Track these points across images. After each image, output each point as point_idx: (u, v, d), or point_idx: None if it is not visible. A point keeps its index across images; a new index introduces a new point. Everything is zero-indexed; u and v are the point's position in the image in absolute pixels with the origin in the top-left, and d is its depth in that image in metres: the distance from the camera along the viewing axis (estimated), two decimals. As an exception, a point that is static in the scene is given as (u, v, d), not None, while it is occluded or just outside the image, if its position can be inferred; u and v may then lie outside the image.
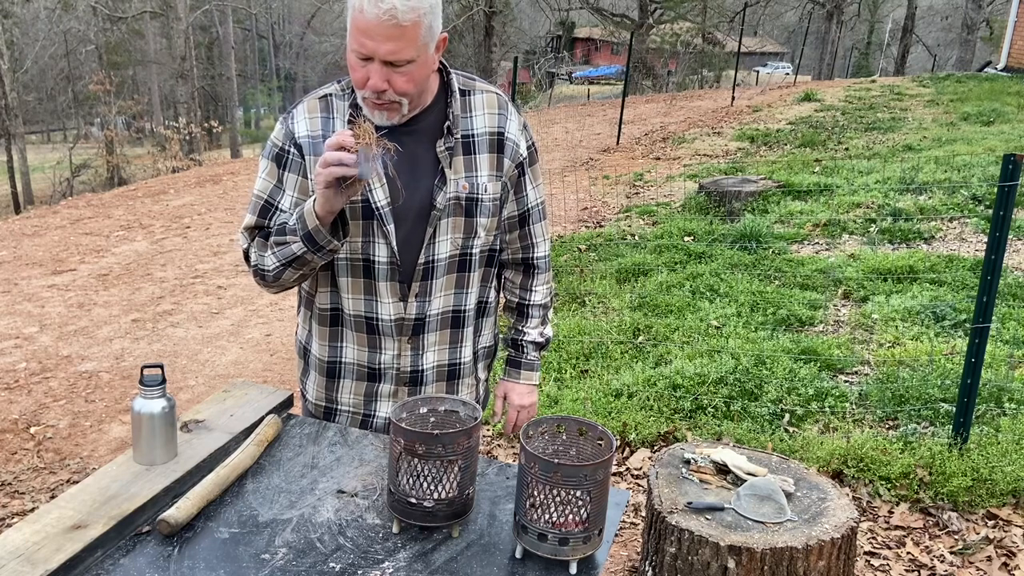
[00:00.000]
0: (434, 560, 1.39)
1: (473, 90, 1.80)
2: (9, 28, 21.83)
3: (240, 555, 1.38)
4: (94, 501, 1.45)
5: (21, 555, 1.30)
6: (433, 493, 1.43)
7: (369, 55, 1.56)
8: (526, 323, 1.97)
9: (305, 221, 1.62)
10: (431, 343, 1.81)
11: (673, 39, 28.76)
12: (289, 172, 1.73)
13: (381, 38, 1.54)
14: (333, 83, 1.77)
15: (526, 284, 1.95)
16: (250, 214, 1.77)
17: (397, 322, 1.77)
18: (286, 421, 1.83)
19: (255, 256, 1.75)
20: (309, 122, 1.72)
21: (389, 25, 1.53)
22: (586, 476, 1.35)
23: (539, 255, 1.93)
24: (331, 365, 1.85)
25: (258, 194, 1.76)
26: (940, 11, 39.29)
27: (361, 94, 1.63)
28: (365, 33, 1.54)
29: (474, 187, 1.75)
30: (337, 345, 1.83)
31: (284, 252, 1.67)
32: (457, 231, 1.75)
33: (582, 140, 12.74)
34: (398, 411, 1.48)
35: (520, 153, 1.81)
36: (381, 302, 1.76)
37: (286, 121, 1.74)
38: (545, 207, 1.93)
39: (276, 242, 1.68)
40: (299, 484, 1.60)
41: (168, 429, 1.57)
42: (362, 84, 1.61)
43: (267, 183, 1.75)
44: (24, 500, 3.43)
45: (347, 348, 1.82)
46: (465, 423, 1.51)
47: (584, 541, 1.38)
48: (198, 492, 1.48)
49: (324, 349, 1.84)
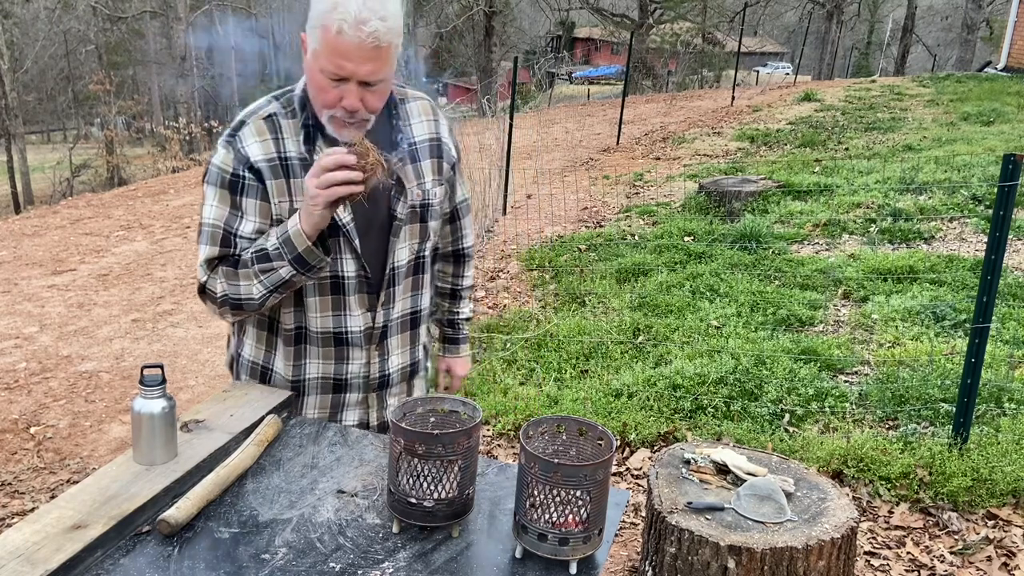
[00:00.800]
0: (434, 560, 1.39)
1: (407, 98, 1.84)
2: (9, 28, 21.83)
3: (240, 555, 1.38)
4: (94, 501, 1.45)
5: (21, 555, 1.30)
6: (433, 493, 1.43)
7: (347, 76, 1.57)
8: (459, 305, 2.15)
9: (293, 244, 1.62)
10: (394, 347, 1.89)
11: (673, 39, 28.76)
12: (246, 198, 1.68)
13: (360, 60, 1.55)
14: (268, 101, 1.73)
15: (458, 272, 2.10)
16: (207, 245, 1.70)
17: (366, 332, 1.82)
18: (286, 421, 1.83)
19: (224, 287, 1.69)
20: (262, 145, 1.68)
21: (370, 47, 1.54)
22: (586, 476, 1.35)
23: (467, 245, 2.08)
24: (295, 383, 1.87)
25: (213, 223, 1.69)
26: (940, 11, 39.29)
27: (329, 113, 1.64)
28: (344, 55, 1.55)
29: (425, 193, 1.82)
30: (301, 363, 1.85)
31: (272, 279, 1.66)
32: (414, 237, 1.83)
33: (582, 140, 12.74)
34: (398, 411, 1.48)
35: (452, 155, 1.90)
36: (351, 315, 1.79)
37: (232, 145, 1.67)
38: (470, 201, 2.09)
39: (261, 269, 1.65)
40: (299, 484, 1.60)
41: (168, 429, 1.57)
42: (333, 104, 1.61)
43: (221, 211, 1.69)
44: (24, 500, 3.43)
45: (311, 364, 1.85)
46: (465, 423, 1.51)
47: (584, 541, 1.38)
48: (198, 492, 1.48)
49: (289, 369, 1.85)
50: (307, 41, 1.62)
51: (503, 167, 8.17)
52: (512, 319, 5.08)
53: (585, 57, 48.12)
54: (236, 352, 1.91)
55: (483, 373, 4.31)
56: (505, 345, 4.70)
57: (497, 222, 7.88)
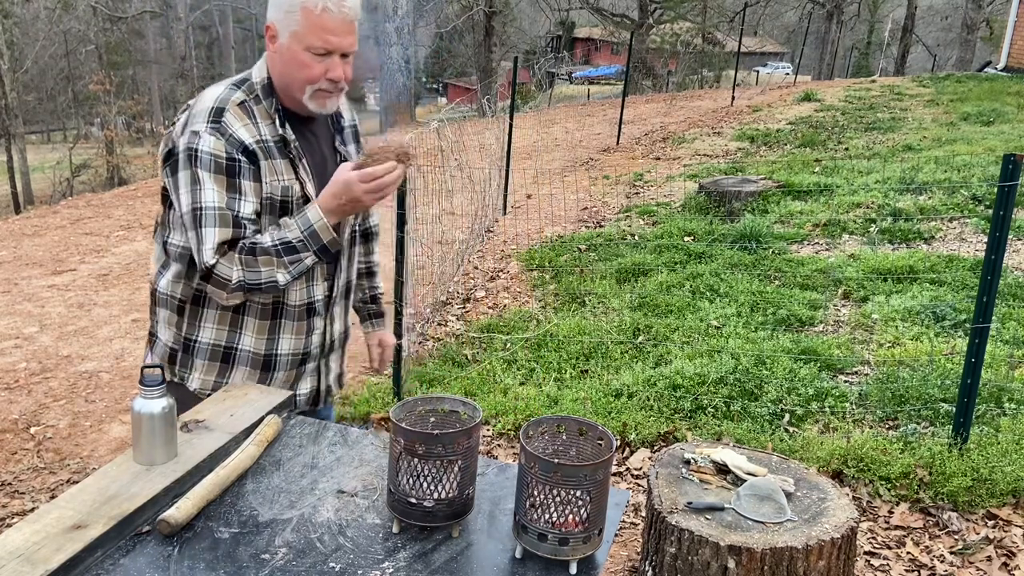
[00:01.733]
0: (434, 560, 1.39)
1: None
2: (9, 28, 21.82)
3: (240, 555, 1.38)
4: (94, 501, 1.45)
5: (21, 555, 1.30)
6: (433, 493, 1.43)
7: (333, 50, 1.75)
8: (375, 280, 2.31)
9: (320, 236, 1.79)
10: (338, 314, 2.06)
11: (673, 39, 28.75)
12: (244, 180, 1.76)
13: (344, 33, 1.75)
14: (231, 89, 1.80)
15: (370, 249, 2.24)
16: (216, 228, 1.74)
17: (325, 300, 1.98)
18: (286, 421, 1.83)
19: (241, 273, 1.76)
20: (246, 129, 1.77)
21: (349, 21, 1.76)
22: (586, 476, 1.35)
23: (375, 222, 2.22)
24: (267, 358, 1.94)
25: (219, 207, 1.74)
26: (940, 11, 39.28)
27: (313, 88, 1.78)
28: (330, 31, 1.73)
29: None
30: (274, 337, 1.93)
31: (299, 268, 1.80)
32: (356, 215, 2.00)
33: (582, 140, 12.73)
34: (398, 411, 1.48)
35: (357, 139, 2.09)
36: (316, 285, 1.94)
37: (220, 131, 1.73)
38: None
39: (290, 260, 1.78)
40: (299, 484, 1.60)
41: (168, 429, 1.57)
42: (318, 77, 1.77)
43: (222, 195, 1.74)
44: (24, 500, 3.43)
45: (283, 340, 1.94)
46: (465, 423, 1.51)
47: (584, 541, 1.38)
48: (198, 492, 1.48)
49: (262, 343, 1.92)
50: (277, 27, 1.77)
51: (503, 167, 8.17)
52: (512, 319, 5.08)
53: (585, 57, 48.11)
54: (185, 340, 1.91)
55: (483, 373, 4.31)
56: (505, 345, 4.70)
57: (497, 222, 7.88)
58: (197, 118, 1.74)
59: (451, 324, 5.29)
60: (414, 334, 4.87)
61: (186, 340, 1.91)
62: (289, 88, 1.80)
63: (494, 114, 8.64)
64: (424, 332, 5.06)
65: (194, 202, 1.73)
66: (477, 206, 7.09)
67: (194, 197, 1.73)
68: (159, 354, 1.95)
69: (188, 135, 1.74)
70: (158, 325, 1.95)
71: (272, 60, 1.81)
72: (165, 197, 1.85)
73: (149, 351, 2.01)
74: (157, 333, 1.96)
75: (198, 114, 1.75)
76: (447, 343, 4.88)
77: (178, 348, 1.92)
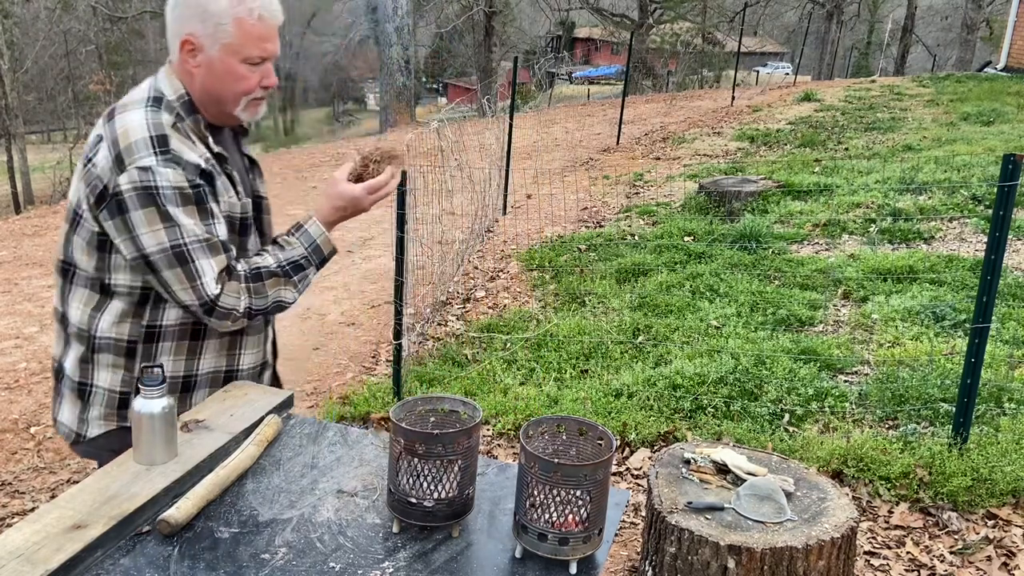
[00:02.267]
0: (434, 560, 1.39)
1: None
2: (9, 28, 21.82)
3: (240, 555, 1.38)
4: (94, 501, 1.45)
5: (21, 555, 1.30)
6: (433, 493, 1.44)
7: (269, 57, 1.73)
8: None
9: (322, 250, 1.84)
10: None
11: (673, 39, 28.76)
12: (211, 203, 1.70)
13: (276, 37, 1.73)
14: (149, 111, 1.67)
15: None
16: (212, 258, 1.67)
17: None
18: (286, 421, 1.83)
19: (249, 301, 1.73)
20: (193, 152, 1.68)
21: (279, 24, 1.74)
22: (586, 476, 1.35)
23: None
24: (228, 375, 1.89)
25: (204, 238, 1.67)
26: (940, 11, 39.27)
27: (249, 98, 1.74)
28: (266, 38, 1.70)
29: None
30: (236, 353, 1.88)
31: (305, 283, 1.83)
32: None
33: (582, 140, 12.73)
34: (398, 411, 1.49)
35: None
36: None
37: (172, 161, 1.63)
38: None
39: (300, 279, 1.81)
40: (299, 484, 1.60)
41: (168, 429, 1.57)
42: (254, 88, 1.73)
43: (200, 225, 1.67)
44: (24, 500, 3.43)
45: (246, 355, 1.90)
46: (465, 423, 1.51)
47: (584, 541, 1.38)
48: (198, 492, 1.49)
49: (222, 360, 1.87)
50: (200, 41, 1.67)
51: (503, 167, 8.17)
52: (512, 319, 5.08)
53: (585, 57, 48.11)
54: (138, 376, 1.72)
55: (483, 373, 4.31)
56: (505, 345, 4.70)
57: (497, 222, 7.88)
58: (136, 151, 1.62)
59: (451, 324, 5.29)
60: (414, 334, 4.88)
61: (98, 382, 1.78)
62: (221, 102, 1.72)
63: (494, 114, 8.64)
64: (424, 332, 5.06)
65: (171, 240, 1.63)
66: (477, 206, 7.09)
67: (169, 236, 1.63)
68: (101, 403, 1.79)
69: (134, 172, 1.61)
70: (94, 373, 1.77)
71: (191, 75, 1.70)
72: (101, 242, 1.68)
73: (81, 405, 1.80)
74: (92, 382, 1.78)
75: (134, 147, 1.62)
76: (447, 343, 4.88)
77: (130, 391, 1.77)
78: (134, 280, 1.71)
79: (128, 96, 1.72)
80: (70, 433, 1.84)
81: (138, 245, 1.64)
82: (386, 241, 7.43)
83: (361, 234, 7.83)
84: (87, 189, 1.66)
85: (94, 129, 1.71)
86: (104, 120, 1.69)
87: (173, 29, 1.70)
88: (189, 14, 1.66)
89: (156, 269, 1.66)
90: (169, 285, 1.67)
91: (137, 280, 1.71)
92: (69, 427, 1.83)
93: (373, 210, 2.02)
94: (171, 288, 1.68)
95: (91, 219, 1.67)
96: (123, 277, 1.71)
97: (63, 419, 1.84)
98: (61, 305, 1.80)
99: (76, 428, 1.82)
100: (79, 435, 1.82)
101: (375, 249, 7.40)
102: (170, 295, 1.69)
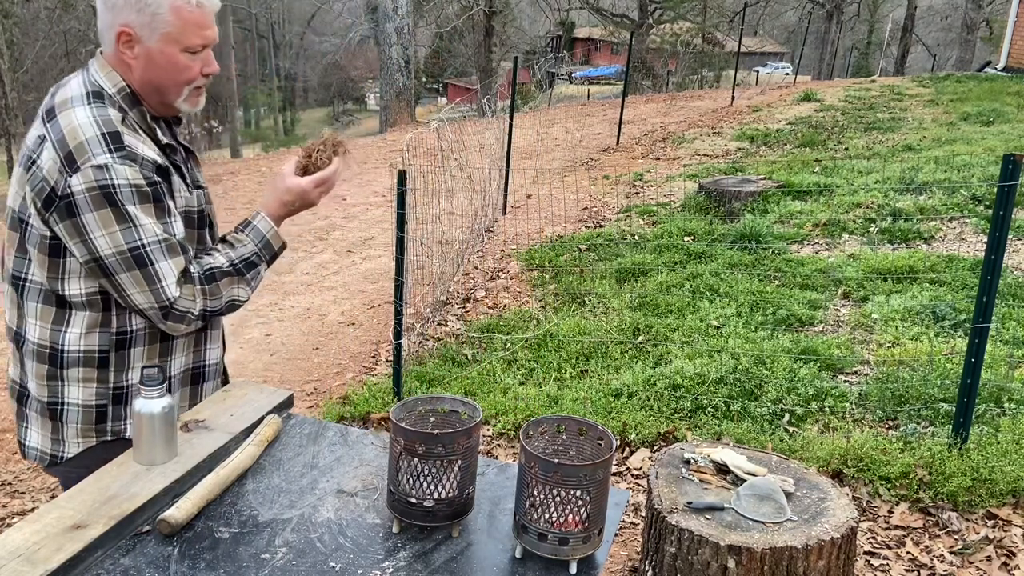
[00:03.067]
0: (434, 560, 1.39)
1: None
2: (9, 28, 21.82)
3: (240, 555, 1.38)
4: (94, 501, 1.45)
5: (21, 555, 1.30)
6: (433, 493, 1.44)
7: (209, 43, 1.68)
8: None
9: (272, 245, 1.81)
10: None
11: (673, 39, 28.77)
12: (168, 200, 1.64)
13: (213, 24, 1.68)
14: (94, 107, 1.59)
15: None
16: (170, 259, 1.61)
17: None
18: (286, 421, 1.83)
19: (204, 303, 1.67)
20: (145, 146, 1.62)
21: (216, 10, 1.69)
22: (586, 476, 1.35)
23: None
24: (196, 371, 1.86)
25: (163, 238, 1.61)
26: (940, 11, 39.28)
27: (191, 87, 1.69)
28: (206, 25, 1.65)
29: None
30: (203, 348, 1.85)
31: (257, 280, 1.80)
32: None
33: (582, 140, 12.73)
34: (398, 411, 1.49)
35: None
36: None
37: (127, 158, 1.56)
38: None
39: (252, 276, 1.77)
40: (299, 484, 1.60)
41: (168, 429, 1.57)
42: (196, 77, 1.68)
43: (158, 223, 1.61)
44: (24, 500, 3.43)
45: (212, 350, 1.87)
46: (465, 423, 1.51)
47: (584, 541, 1.38)
48: (198, 492, 1.49)
49: (190, 358, 1.83)
50: (137, 32, 1.60)
51: (503, 167, 8.17)
52: (512, 319, 5.08)
53: (585, 57, 48.12)
54: (115, 391, 1.71)
55: (483, 373, 4.31)
56: (505, 345, 4.70)
57: (497, 222, 7.88)
58: (89, 150, 1.54)
59: (451, 324, 5.29)
60: (414, 334, 4.88)
61: (116, 391, 1.72)
62: (162, 92, 1.66)
63: (494, 114, 8.64)
64: (424, 332, 5.06)
65: (129, 241, 1.57)
66: (477, 206, 7.09)
67: (127, 237, 1.56)
68: (76, 420, 1.71)
69: (89, 171, 1.53)
70: (64, 390, 1.69)
71: (129, 67, 1.64)
72: (54, 246, 1.60)
73: (53, 424, 1.72)
74: (63, 399, 1.69)
75: (86, 145, 1.54)
76: (447, 343, 4.88)
77: (107, 402, 1.71)
78: (90, 286, 1.63)
79: (61, 93, 1.63)
80: (43, 456, 1.74)
81: (92, 248, 1.57)
82: (386, 241, 7.43)
83: (361, 234, 7.83)
84: (32, 193, 1.58)
85: (31, 130, 1.63)
86: (43, 120, 1.61)
87: (106, 20, 1.63)
88: (123, 4, 1.59)
89: (111, 272, 1.59)
90: (124, 288, 1.60)
91: (93, 285, 1.63)
92: (41, 450, 1.74)
93: (372, 211, 2.02)
94: (126, 291, 1.60)
95: (40, 223, 1.59)
96: (78, 285, 1.63)
97: (32, 443, 1.75)
98: (16, 323, 1.70)
99: (50, 450, 1.73)
100: (55, 456, 1.73)
101: (375, 249, 7.40)
102: (124, 298, 1.62)
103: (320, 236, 7.87)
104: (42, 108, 1.65)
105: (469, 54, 27.27)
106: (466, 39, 27.92)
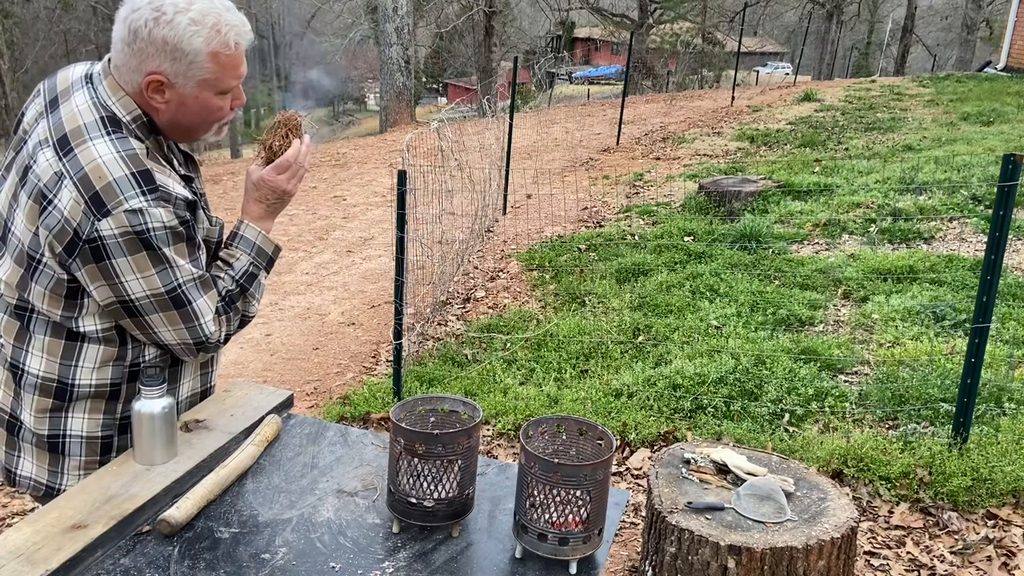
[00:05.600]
0: (434, 560, 1.39)
1: None
2: (9, 28, 21.82)
3: (240, 555, 1.38)
4: (94, 501, 1.45)
5: (21, 555, 1.31)
6: (433, 493, 1.44)
7: (241, 79, 1.62)
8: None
9: (264, 250, 1.74)
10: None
11: (673, 39, 28.76)
12: (197, 235, 1.60)
13: (244, 59, 1.61)
14: (115, 140, 1.50)
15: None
16: (206, 296, 1.59)
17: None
18: (286, 421, 1.83)
19: (228, 328, 1.66)
20: (171, 180, 1.55)
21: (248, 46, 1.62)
22: (586, 476, 1.35)
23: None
24: (205, 391, 1.84)
25: (197, 275, 1.57)
26: (940, 11, 39.28)
27: (221, 123, 1.65)
28: (240, 63, 1.59)
29: None
30: (176, 385, 1.75)
31: (261, 291, 1.76)
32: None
33: (582, 140, 12.73)
34: (398, 411, 1.49)
35: None
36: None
37: (162, 199, 1.49)
38: None
39: (255, 287, 1.73)
40: (299, 484, 1.60)
41: (168, 429, 1.57)
42: (227, 113, 1.63)
43: (191, 261, 1.56)
44: (24, 500, 3.43)
45: (185, 384, 1.78)
46: (465, 423, 1.51)
47: (584, 541, 1.38)
48: (198, 492, 1.49)
49: (198, 379, 1.81)
50: (172, 79, 1.52)
51: (503, 167, 8.17)
52: (512, 319, 5.08)
53: (585, 57, 48.13)
54: (122, 420, 1.67)
55: (483, 373, 4.31)
56: (505, 345, 4.70)
57: (497, 222, 7.88)
58: (120, 192, 1.45)
59: (451, 324, 5.29)
60: (414, 334, 4.88)
61: (123, 420, 1.67)
62: (192, 132, 1.63)
63: (494, 114, 8.64)
64: (424, 332, 5.06)
65: (166, 284, 1.52)
66: (477, 206, 7.09)
67: (163, 279, 1.51)
68: (80, 453, 1.65)
69: (123, 216, 1.44)
70: (67, 423, 1.62)
71: (157, 110, 1.56)
72: (71, 289, 1.52)
73: (52, 457, 1.65)
74: (66, 432, 1.63)
75: (115, 186, 1.45)
76: (447, 343, 4.88)
77: (112, 432, 1.66)
78: (107, 322, 1.57)
79: (71, 122, 1.50)
80: (38, 487, 1.67)
81: (122, 291, 1.50)
82: (386, 241, 7.43)
83: (361, 234, 7.83)
84: (49, 234, 1.46)
85: (41, 162, 1.49)
86: (58, 155, 1.48)
87: (132, 64, 1.52)
88: (154, 51, 1.49)
89: (140, 312, 1.53)
90: (153, 327, 1.56)
91: (110, 321, 1.57)
92: (36, 480, 1.66)
93: (372, 211, 2.02)
94: (155, 329, 1.56)
95: (56, 266, 1.49)
96: (94, 322, 1.56)
97: (25, 472, 1.67)
98: (14, 354, 1.61)
99: (46, 481, 1.66)
100: (52, 488, 1.66)
101: (375, 249, 7.40)
102: (149, 335, 1.58)
103: (320, 236, 7.87)
104: (56, 139, 1.51)
105: (469, 54, 27.28)
106: (466, 39, 27.93)
